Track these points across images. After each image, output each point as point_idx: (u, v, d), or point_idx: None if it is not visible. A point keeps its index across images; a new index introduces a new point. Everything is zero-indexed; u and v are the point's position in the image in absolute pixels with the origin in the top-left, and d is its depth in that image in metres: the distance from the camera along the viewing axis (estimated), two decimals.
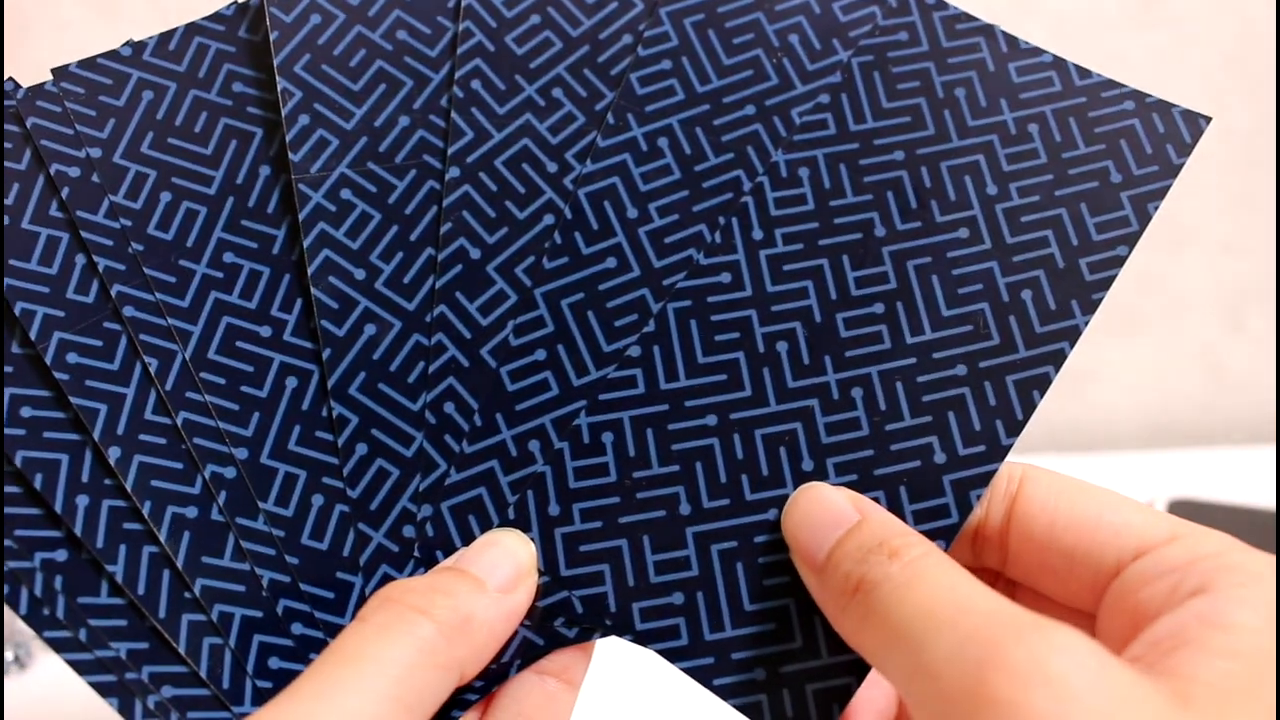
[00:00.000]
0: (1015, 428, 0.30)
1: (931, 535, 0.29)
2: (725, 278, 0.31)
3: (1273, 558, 0.24)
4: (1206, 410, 0.85)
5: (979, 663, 0.21)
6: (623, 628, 0.29)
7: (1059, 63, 0.33)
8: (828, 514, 0.28)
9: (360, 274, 0.31)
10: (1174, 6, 0.74)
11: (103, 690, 0.28)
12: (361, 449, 0.30)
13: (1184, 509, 0.64)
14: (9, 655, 0.56)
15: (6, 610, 0.55)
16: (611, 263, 0.31)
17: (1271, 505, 0.64)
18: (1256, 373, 0.84)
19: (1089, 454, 0.77)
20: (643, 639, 0.29)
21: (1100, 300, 0.31)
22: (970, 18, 0.34)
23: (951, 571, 0.24)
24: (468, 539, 0.30)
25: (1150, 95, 0.33)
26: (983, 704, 0.21)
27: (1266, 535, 0.62)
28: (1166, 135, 0.32)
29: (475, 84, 0.33)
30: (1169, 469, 0.74)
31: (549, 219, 0.32)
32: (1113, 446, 0.82)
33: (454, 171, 0.32)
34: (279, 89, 0.32)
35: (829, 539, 0.27)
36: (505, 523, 0.30)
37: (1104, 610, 0.26)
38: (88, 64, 0.32)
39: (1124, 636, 0.24)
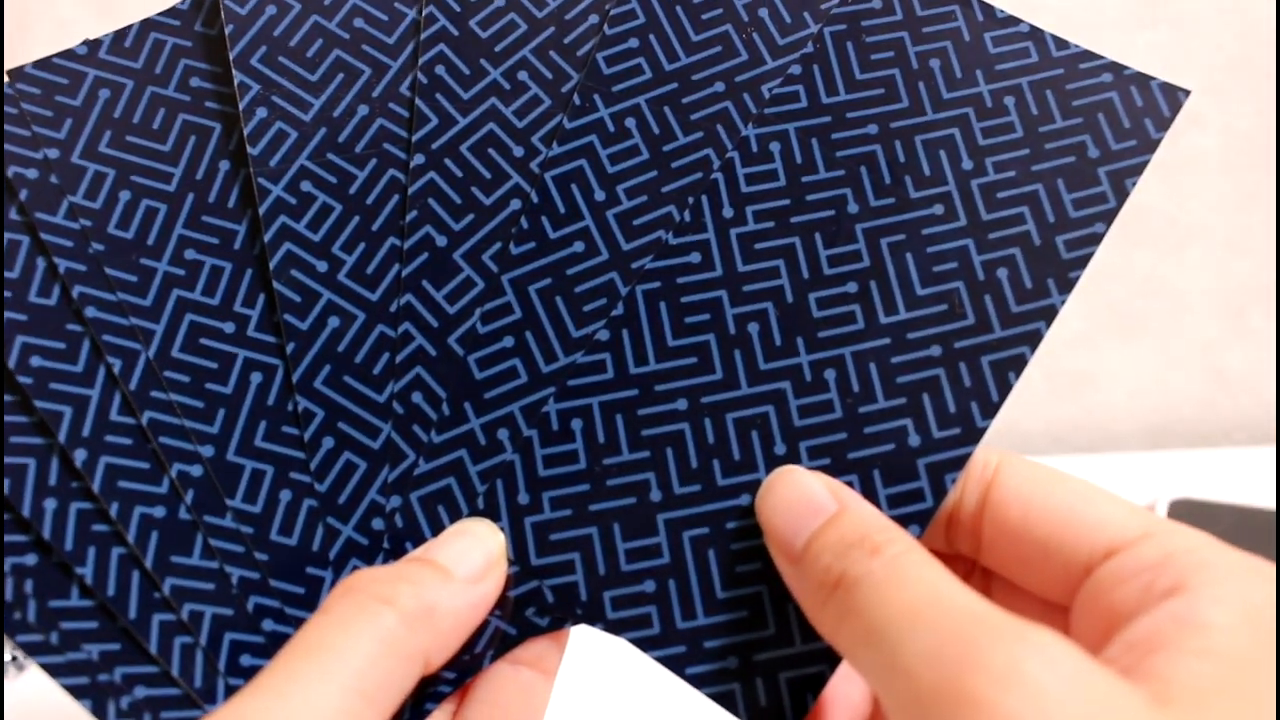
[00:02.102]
0: (991, 409, 0.30)
1: (906, 519, 0.29)
2: (695, 258, 0.32)
3: (1245, 555, 0.24)
4: (1207, 410, 0.85)
5: (956, 662, 0.22)
6: (594, 617, 0.29)
7: (1036, 33, 0.33)
8: (805, 502, 0.28)
9: (323, 266, 0.31)
10: (1175, 5, 0.74)
11: (76, 692, 0.28)
12: (328, 442, 0.30)
13: (1184, 509, 0.64)
14: (8, 655, 0.57)
15: None
16: (579, 246, 0.32)
17: (1271, 505, 0.64)
18: (1257, 373, 0.84)
19: (1089, 454, 0.77)
20: (614, 628, 0.29)
21: (1077, 279, 0.31)
22: None
23: (932, 569, 0.25)
24: (437, 530, 0.30)
25: (1128, 67, 0.32)
26: (959, 704, 0.21)
27: (1266, 535, 0.62)
28: (1145, 109, 0.32)
29: (439, 69, 0.33)
30: (1170, 469, 0.75)
31: (516, 204, 0.32)
32: (1113, 447, 0.83)
33: (419, 159, 0.32)
34: (235, 82, 0.33)
35: (806, 528, 0.27)
36: (475, 512, 0.30)
37: (1078, 608, 0.26)
38: (43, 64, 0.33)
39: (1099, 637, 0.24)
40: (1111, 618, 0.24)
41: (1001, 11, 0.33)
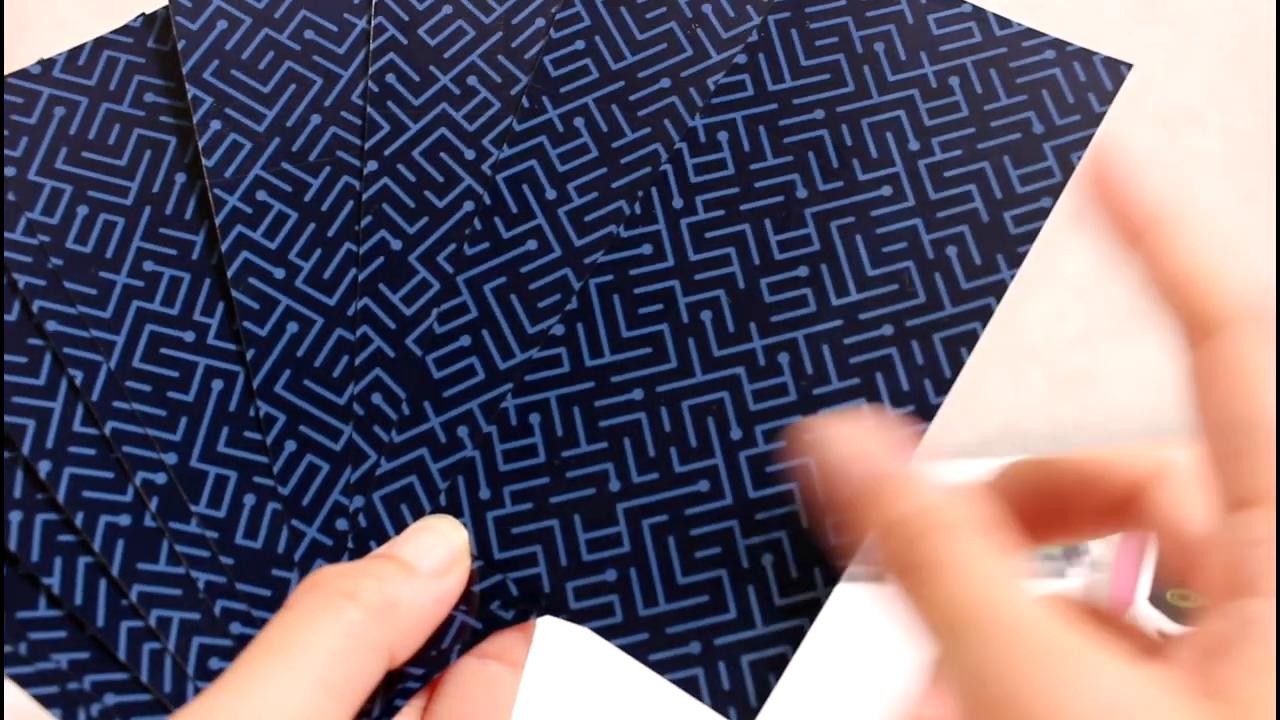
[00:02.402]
0: (944, 386, 0.30)
1: None
2: (646, 249, 0.32)
3: None
4: None
5: (1008, 681, 0.21)
6: (557, 608, 0.30)
7: (978, 13, 0.34)
8: (874, 462, 0.27)
9: (280, 273, 0.32)
10: (1175, 5, 0.75)
11: (46, 702, 0.29)
12: (290, 446, 0.31)
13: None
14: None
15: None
16: (532, 245, 0.32)
17: None
18: None
19: None
20: (577, 618, 0.30)
21: (1026, 253, 0.31)
22: None
23: (994, 562, 0.24)
24: (401, 528, 0.30)
25: (1071, 44, 0.33)
26: (1015, 711, 0.21)
27: None
28: (1088, 84, 0.33)
29: (389, 77, 0.34)
30: None
31: (469, 206, 0.33)
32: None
33: (372, 165, 0.33)
34: (189, 96, 0.33)
35: (877, 495, 0.26)
36: (437, 509, 0.31)
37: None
38: None
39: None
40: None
41: None
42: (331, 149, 0.33)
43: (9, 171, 0.32)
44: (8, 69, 0.34)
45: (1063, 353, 0.82)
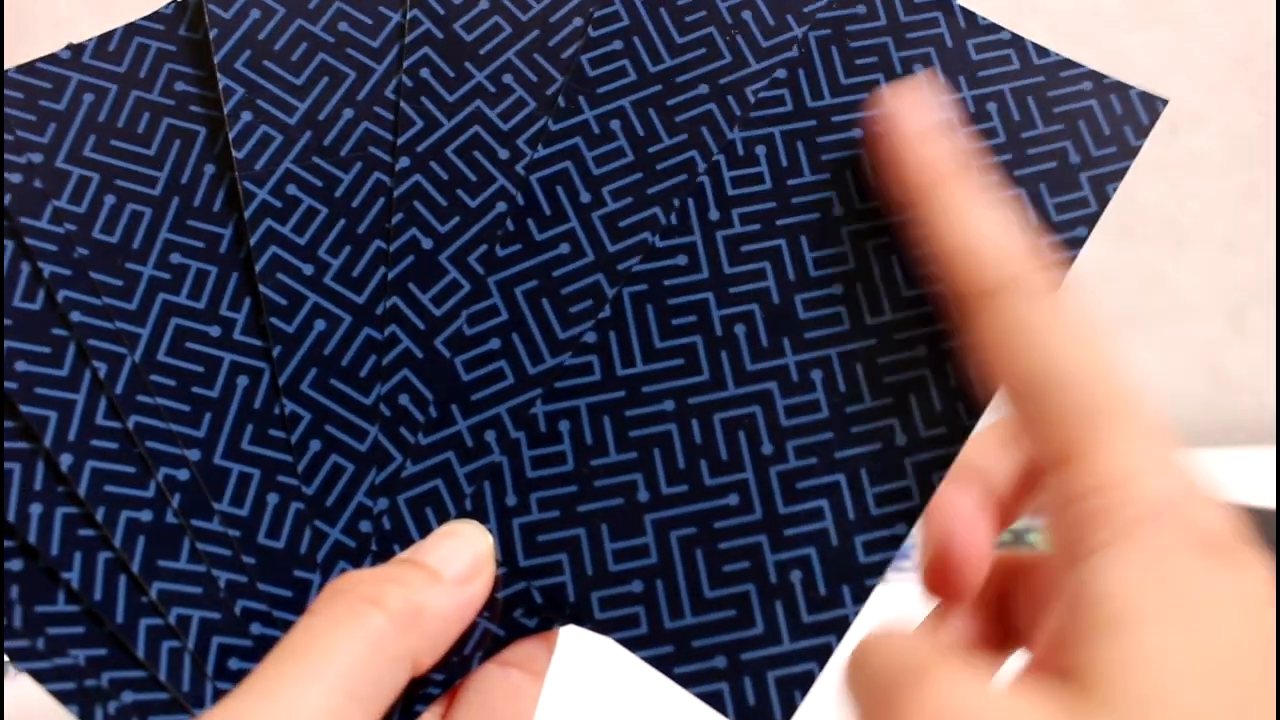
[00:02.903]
0: (977, 409, 0.30)
1: (893, 518, 0.30)
2: (681, 260, 0.32)
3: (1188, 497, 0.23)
4: (1207, 411, 0.86)
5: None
6: (582, 617, 0.30)
7: (1017, 40, 0.34)
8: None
9: (309, 269, 0.32)
10: (1175, 5, 0.74)
11: (63, 698, 0.29)
12: (315, 445, 0.31)
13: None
14: (7, 656, 0.57)
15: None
16: (565, 248, 0.32)
17: (1271, 505, 0.64)
18: (1257, 373, 0.84)
19: None
20: (602, 628, 0.30)
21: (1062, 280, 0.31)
22: None
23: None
24: (425, 532, 0.30)
25: (1107, 77, 0.33)
26: None
27: (1266, 535, 0.62)
28: (1124, 117, 0.33)
29: (424, 72, 0.34)
30: None
31: (501, 206, 0.33)
32: None
33: (404, 161, 0.33)
34: (220, 86, 0.33)
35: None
36: (462, 514, 0.30)
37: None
38: (26, 69, 0.33)
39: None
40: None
41: (984, 19, 0.34)
42: (363, 144, 0.33)
43: (35, 158, 0.32)
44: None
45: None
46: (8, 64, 0.32)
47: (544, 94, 0.34)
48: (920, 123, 0.29)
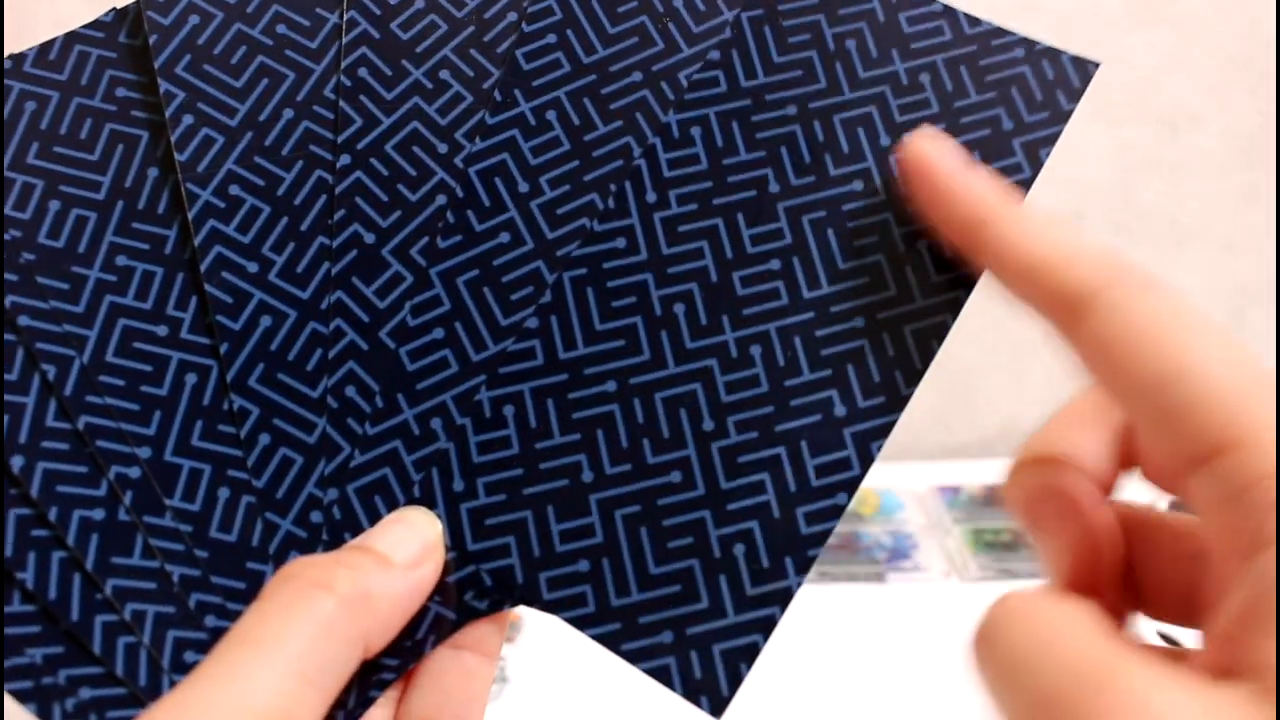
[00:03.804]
0: (914, 377, 0.31)
1: (834, 488, 0.30)
2: (620, 243, 0.33)
3: None
4: None
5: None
6: (530, 598, 0.31)
7: (949, 11, 0.35)
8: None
9: (253, 267, 0.33)
10: (1175, 5, 0.76)
11: (21, 697, 0.29)
12: (264, 439, 0.32)
13: (1184, 509, 0.65)
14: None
15: None
16: (505, 238, 0.33)
17: None
18: None
19: None
20: (551, 608, 0.30)
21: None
22: None
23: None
24: (375, 520, 0.31)
25: (1039, 43, 0.34)
26: None
27: None
28: (1056, 81, 0.33)
29: (362, 71, 0.35)
30: None
31: (441, 199, 0.34)
32: None
33: (345, 159, 0.34)
34: (161, 91, 0.34)
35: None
36: (411, 501, 0.31)
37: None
38: None
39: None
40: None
41: None
42: (304, 143, 0.34)
43: None
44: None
45: (1062, 352, 0.83)
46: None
47: (481, 88, 0.35)
48: (954, 160, 0.30)
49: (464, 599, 0.31)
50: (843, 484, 0.30)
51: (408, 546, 0.30)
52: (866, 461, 0.30)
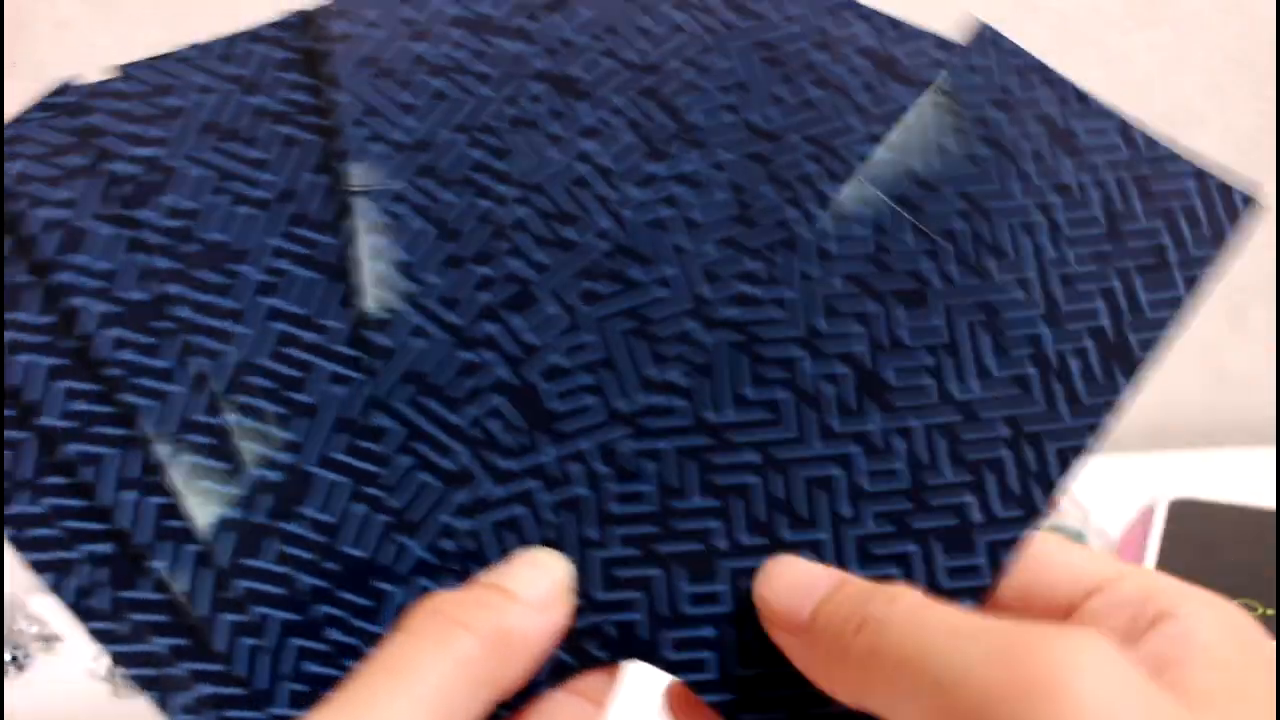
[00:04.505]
0: (1051, 490, 0.32)
1: (960, 594, 0.31)
2: (776, 313, 0.33)
3: (1210, 593, 0.28)
4: (1207, 411, 0.87)
5: (1014, 657, 0.24)
6: (653, 656, 0.31)
7: (1125, 126, 0.35)
8: (806, 578, 0.30)
9: (412, 287, 0.33)
10: (1175, 5, 0.76)
11: (142, 683, 0.30)
12: (405, 460, 0.32)
13: (1184, 509, 0.66)
14: (7, 656, 0.58)
15: (5, 611, 0.58)
16: (662, 292, 0.34)
17: (1271, 505, 0.66)
18: (1257, 373, 0.86)
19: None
20: (672, 668, 0.31)
21: (1145, 375, 0.33)
22: (1046, 68, 0.36)
23: (951, 607, 0.27)
24: (504, 556, 0.32)
25: (1211, 175, 0.35)
26: (1030, 693, 0.23)
27: (1266, 535, 0.63)
28: (1223, 213, 0.34)
29: (535, 105, 0.35)
30: (1170, 469, 0.77)
31: (604, 245, 0.34)
32: (1113, 447, 0.84)
33: (511, 191, 0.34)
34: (337, 100, 0.35)
35: (811, 599, 0.29)
36: (543, 542, 0.32)
37: None
38: (152, 63, 0.35)
39: None
40: None
41: (1095, 100, 0.35)
42: (473, 170, 0.35)
43: (154, 152, 0.34)
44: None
45: None
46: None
47: (651, 139, 0.35)
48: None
49: (585, 647, 0.31)
50: (971, 591, 0.31)
51: (540, 588, 0.30)
52: (997, 570, 0.31)
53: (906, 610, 0.27)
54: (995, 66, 0.36)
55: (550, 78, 0.36)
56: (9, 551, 0.31)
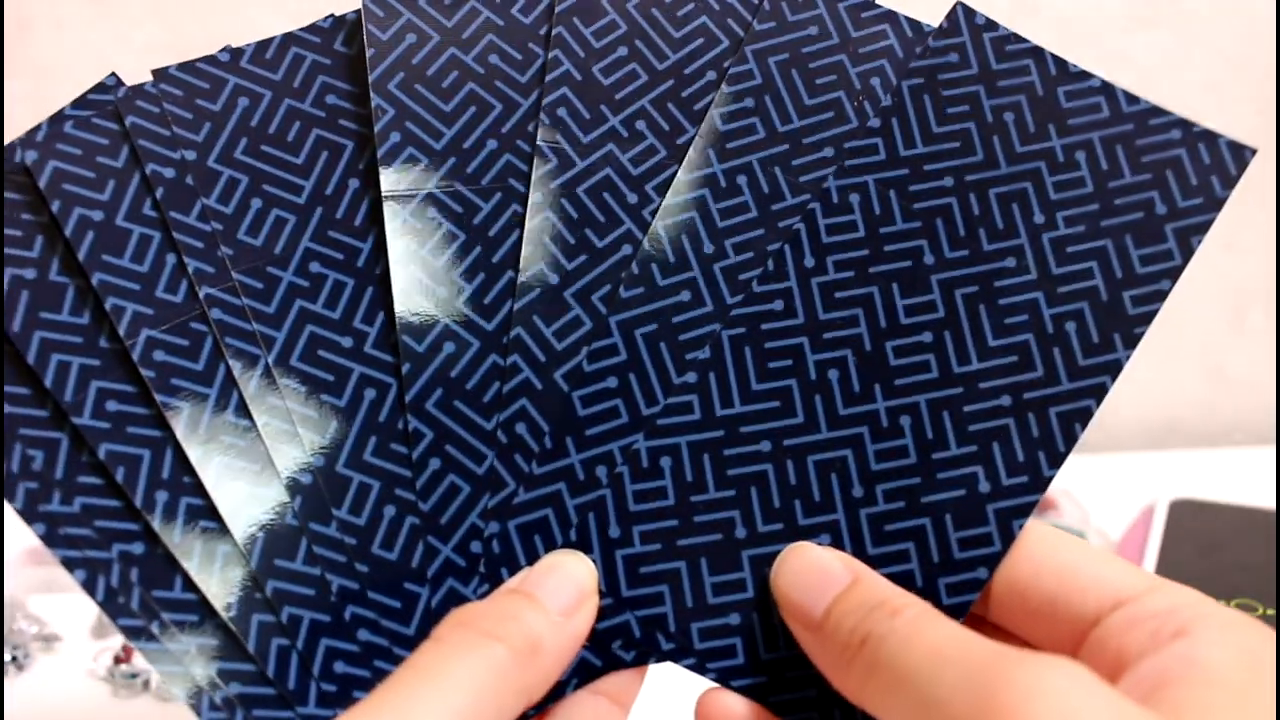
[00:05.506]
0: (1057, 459, 0.33)
1: (974, 563, 0.32)
2: (778, 305, 0.34)
3: (1235, 610, 0.28)
4: (1207, 411, 0.88)
5: (986, 686, 0.25)
6: (681, 646, 0.32)
7: (1107, 88, 0.36)
8: (820, 573, 0.31)
9: (443, 292, 0.34)
10: (1175, 5, 0.77)
11: (173, 681, 0.31)
12: (435, 463, 0.33)
13: (1184, 509, 0.66)
14: (7, 656, 0.59)
15: (5, 611, 0.58)
16: (686, 296, 0.35)
17: (1271, 505, 0.67)
18: (1257, 373, 0.87)
19: (1090, 454, 0.80)
20: (701, 657, 0.32)
21: (1142, 334, 0.33)
22: (1020, 39, 0.37)
23: (950, 624, 0.28)
24: (532, 558, 0.32)
25: (1196, 125, 0.35)
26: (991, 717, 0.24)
27: (1266, 535, 0.64)
28: (1211, 166, 0.35)
29: (561, 111, 0.36)
30: (1170, 469, 0.78)
31: (627, 249, 0.35)
32: (1113, 447, 0.85)
33: (536, 196, 0.35)
34: (372, 105, 0.35)
35: (825, 597, 0.31)
36: (568, 544, 0.33)
37: (1086, 653, 0.30)
38: (186, 67, 0.35)
39: (1108, 675, 0.27)
40: (1121, 658, 0.28)
41: (1074, 66, 0.36)
42: (504, 175, 0.35)
43: (189, 155, 0.34)
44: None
45: None
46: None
47: (674, 143, 0.36)
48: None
49: (611, 647, 0.32)
50: (983, 559, 0.32)
51: (565, 594, 0.31)
52: (1007, 538, 0.32)
53: (903, 627, 0.28)
54: (970, 42, 0.37)
55: (575, 84, 0.36)
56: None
